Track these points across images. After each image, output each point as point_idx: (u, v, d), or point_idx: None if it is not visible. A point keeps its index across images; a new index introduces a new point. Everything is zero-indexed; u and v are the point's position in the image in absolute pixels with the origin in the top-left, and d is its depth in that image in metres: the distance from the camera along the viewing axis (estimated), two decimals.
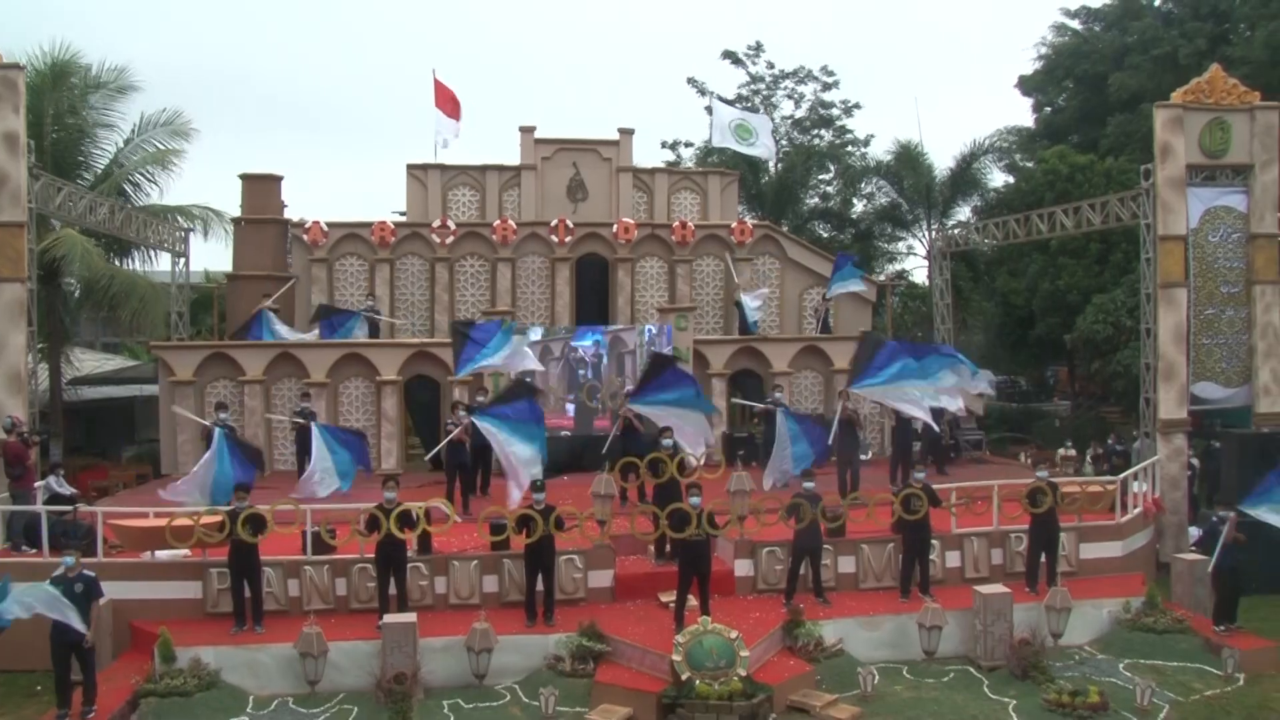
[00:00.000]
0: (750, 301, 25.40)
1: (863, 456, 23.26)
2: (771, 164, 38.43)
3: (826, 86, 43.33)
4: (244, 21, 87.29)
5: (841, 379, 24.93)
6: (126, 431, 33.70)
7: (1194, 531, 18.96)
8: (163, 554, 15.04)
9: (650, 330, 24.31)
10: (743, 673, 12.43)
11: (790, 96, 43.56)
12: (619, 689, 12.79)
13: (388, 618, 13.43)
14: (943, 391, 17.68)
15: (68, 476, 24.92)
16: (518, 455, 16.34)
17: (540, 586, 14.37)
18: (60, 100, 28.05)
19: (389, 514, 13.86)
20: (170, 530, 14.25)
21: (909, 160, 34.95)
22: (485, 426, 16.75)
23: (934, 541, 15.66)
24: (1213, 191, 20.12)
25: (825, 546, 15.46)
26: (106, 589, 14.42)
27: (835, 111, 43.51)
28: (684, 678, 12.34)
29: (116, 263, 29.33)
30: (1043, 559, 15.48)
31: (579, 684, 13.10)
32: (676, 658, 12.48)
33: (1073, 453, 24.60)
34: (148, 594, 14.71)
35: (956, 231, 29.78)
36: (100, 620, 14.04)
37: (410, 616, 13.47)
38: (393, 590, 14.17)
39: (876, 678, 13.27)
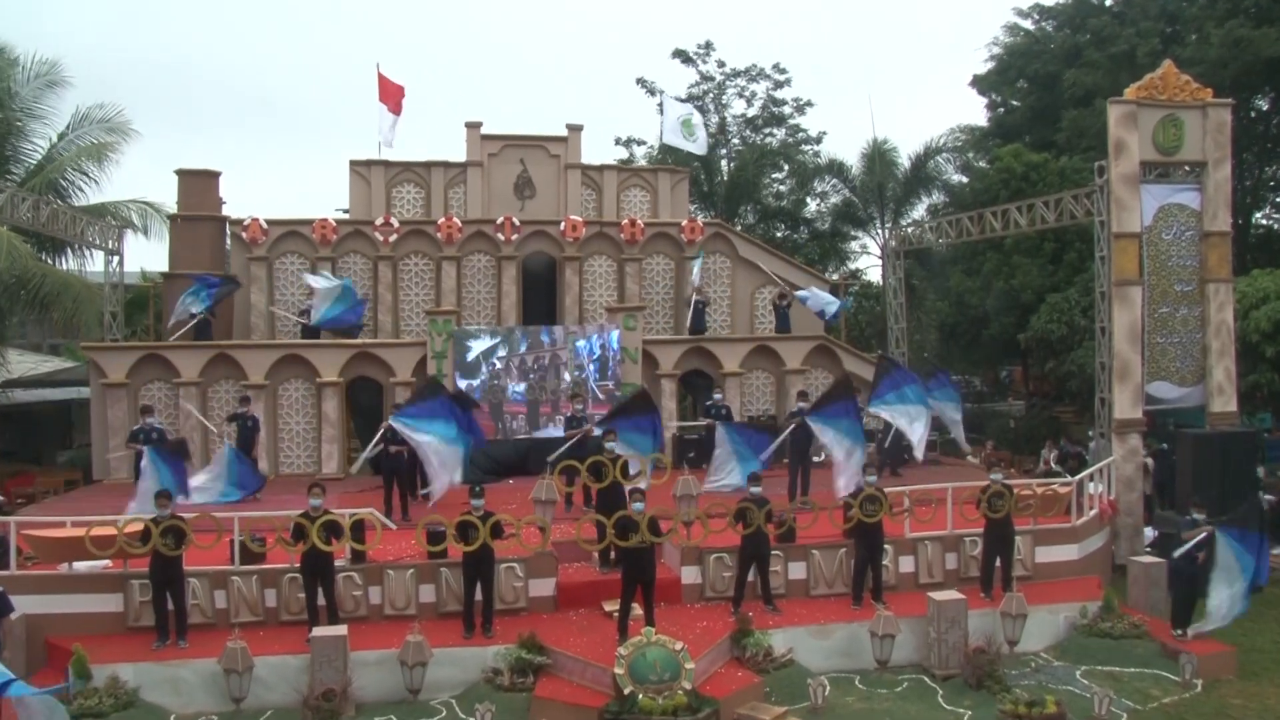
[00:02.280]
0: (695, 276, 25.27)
1: (815, 459, 22.92)
2: (724, 164, 38.07)
3: (778, 84, 43.06)
4: (181, 11, 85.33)
5: (794, 379, 24.67)
6: (63, 436, 32.68)
7: (1149, 532, 18.74)
8: (81, 565, 14.28)
9: (589, 339, 23.77)
10: (688, 686, 11.92)
11: (742, 95, 43.26)
12: (559, 704, 12.24)
13: (316, 631, 12.79)
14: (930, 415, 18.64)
15: (6, 485, 24.21)
16: (437, 451, 15.90)
17: (479, 596, 13.79)
18: None
19: (314, 522, 13.20)
20: (90, 540, 13.46)
21: (880, 158, 34.64)
22: (401, 427, 16.35)
23: (887, 546, 15.24)
24: (1166, 189, 19.88)
25: (775, 552, 14.98)
26: (20, 603, 13.74)
27: (788, 109, 43.30)
28: (626, 692, 11.81)
29: (51, 262, 28.39)
30: (997, 563, 15.11)
31: (518, 698, 12.53)
32: (619, 671, 11.95)
33: (1054, 454, 24.28)
34: (65, 608, 13.92)
35: (910, 230, 29.44)
36: (12, 636, 13.33)
37: (340, 629, 12.84)
38: (322, 602, 13.51)
39: (828, 689, 12.80)
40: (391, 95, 26.73)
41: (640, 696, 11.72)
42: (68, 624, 13.76)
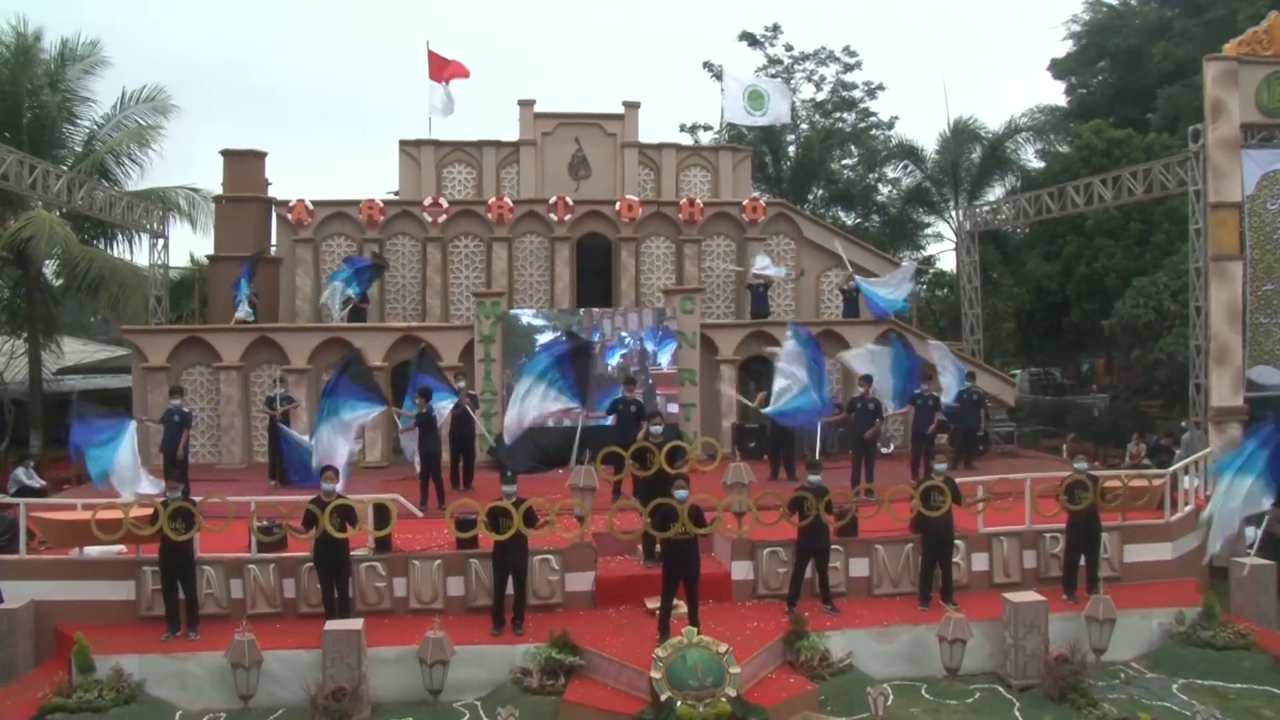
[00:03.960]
0: (761, 265, 23.85)
1: (883, 450, 21.57)
2: (790, 149, 36.70)
3: (848, 68, 41.78)
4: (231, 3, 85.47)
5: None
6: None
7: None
8: (92, 550, 13.48)
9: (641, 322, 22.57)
10: (732, 692, 10.70)
11: (810, 79, 41.99)
12: (589, 709, 11.10)
13: (329, 624, 11.79)
14: None
15: (43, 468, 23.83)
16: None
17: (510, 590, 12.71)
18: (35, 77, 26.79)
19: (325, 509, 12.24)
20: (96, 524, 12.64)
21: (960, 134, 33.00)
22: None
23: (958, 542, 13.85)
24: (1271, 154, 18.12)
25: (834, 547, 13.69)
26: (28, 589, 13.06)
27: (858, 94, 41.87)
28: (663, 698, 10.63)
29: (103, 248, 28.12)
30: (1081, 562, 13.65)
31: (546, 702, 11.40)
32: (655, 674, 10.77)
33: (1141, 447, 22.59)
34: (74, 595, 13.11)
35: (986, 210, 27.79)
36: (19, 624, 12.61)
37: (355, 623, 11.82)
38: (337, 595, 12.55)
39: (890, 698, 11.42)
40: (442, 69, 25.90)
41: (678, 703, 10.54)
42: (77, 611, 12.96)
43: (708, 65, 40.98)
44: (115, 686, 11.58)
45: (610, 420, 17.61)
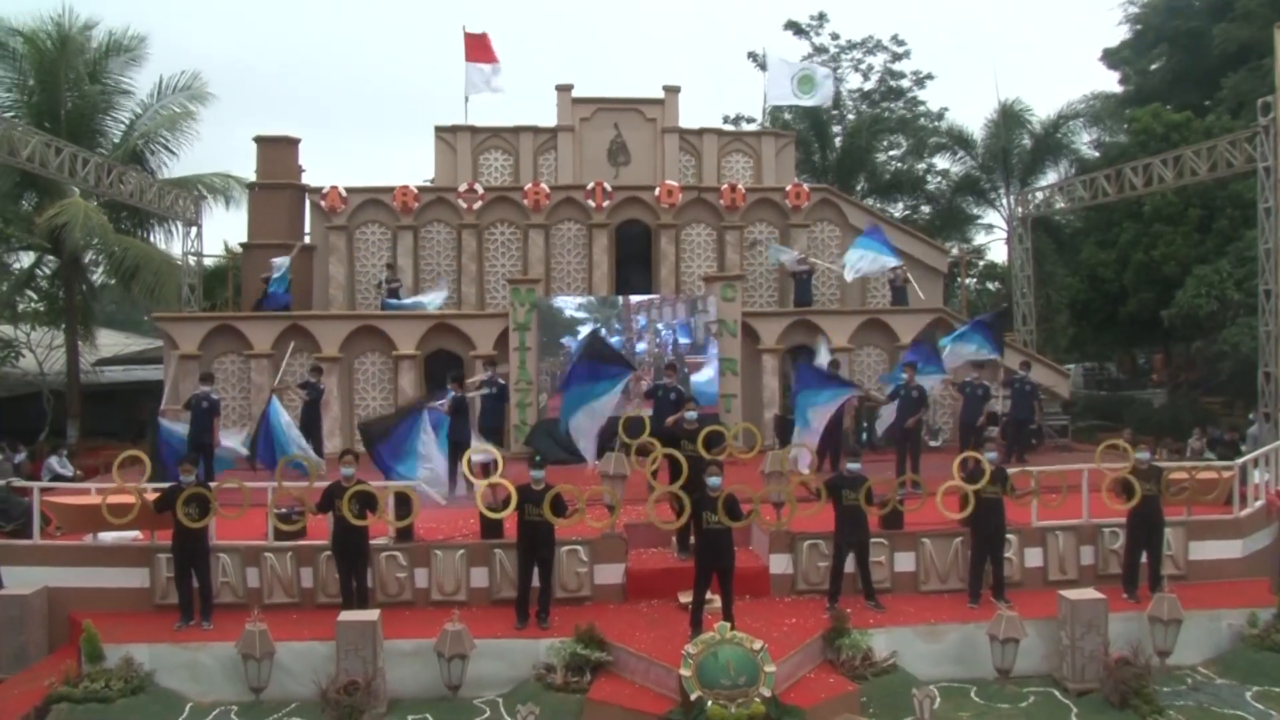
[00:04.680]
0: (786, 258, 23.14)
1: (932, 443, 20.75)
2: (837, 141, 35.86)
3: (896, 57, 40.89)
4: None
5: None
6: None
7: None
8: (107, 536, 13.06)
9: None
10: (767, 692, 10.01)
11: (857, 69, 41.13)
12: (614, 708, 10.48)
13: (344, 615, 11.26)
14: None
15: (77, 457, 23.67)
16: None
17: (536, 582, 12.11)
18: (76, 66, 26.70)
19: (345, 494, 11.70)
20: (107, 508, 12.20)
21: (1009, 120, 31.98)
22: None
23: (1010, 536, 13.05)
24: None
25: (878, 540, 12.95)
26: (42, 575, 12.68)
27: (906, 83, 40.93)
28: (693, 697, 9.97)
29: (142, 237, 28.03)
30: (1143, 559, 12.80)
31: (570, 700, 10.79)
32: (685, 672, 10.11)
33: (1202, 442, 21.45)
34: (88, 581, 12.76)
35: (1040, 194, 26.74)
36: (31, 610, 12.23)
37: (370, 614, 11.27)
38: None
39: (937, 700, 10.67)
40: (479, 50, 25.43)
41: (709, 703, 9.88)
42: (91, 599, 12.60)
43: (752, 55, 40.34)
44: (124, 676, 11.21)
45: (648, 411, 16.91)
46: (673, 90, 26.21)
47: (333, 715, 10.29)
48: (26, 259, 28.87)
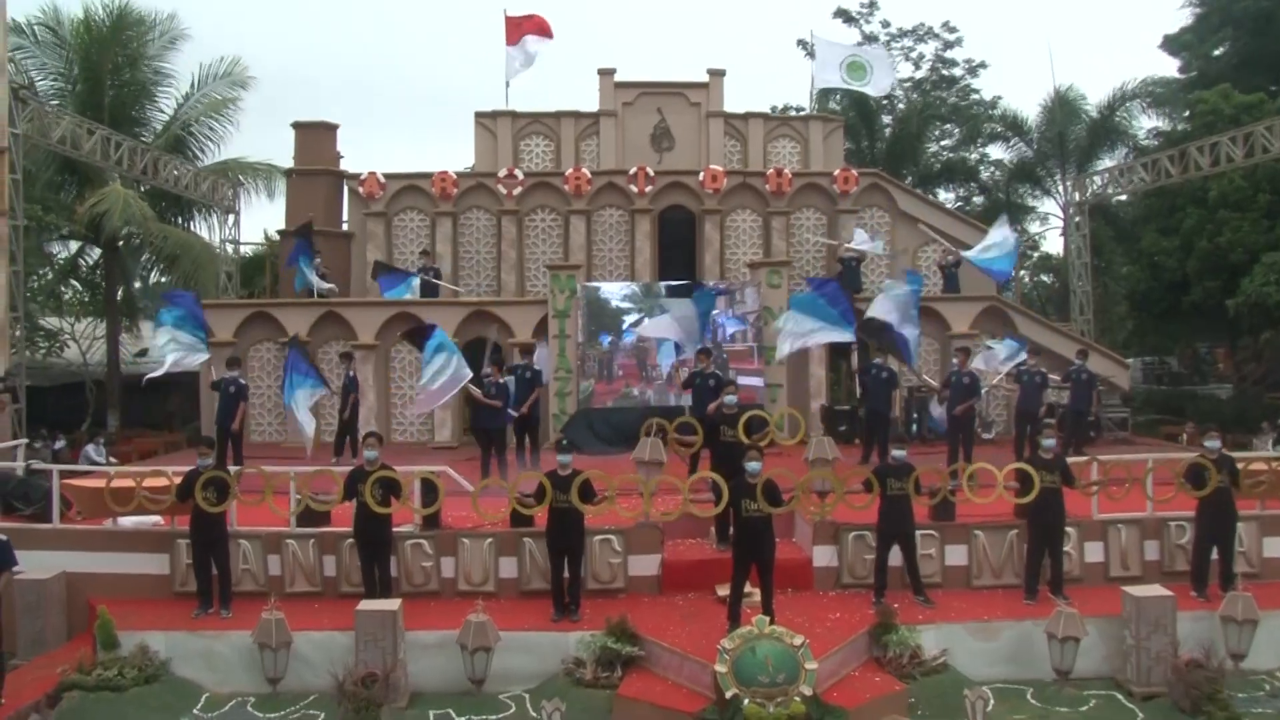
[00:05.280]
0: (859, 240, 22.18)
1: (985, 435, 19.91)
2: (886, 131, 34.98)
3: (948, 45, 39.95)
4: None
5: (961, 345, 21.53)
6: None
7: None
8: (126, 521, 12.70)
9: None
10: (808, 691, 9.37)
11: (908, 57, 40.22)
12: (645, 705, 9.89)
13: (363, 604, 10.76)
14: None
15: (115, 445, 23.48)
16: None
17: (567, 573, 11.57)
18: (119, 55, 26.61)
19: (368, 478, 11.22)
20: (109, 493, 11.82)
21: (1063, 106, 30.96)
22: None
23: (1069, 529, 12.27)
24: None
25: (928, 532, 12.24)
26: (60, 560, 12.31)
27: (958, 71, 39.97)
28: (728, 695, 9.35)
29: (183, 226, 27.93)
30: (1214, 555, 11.98)
31: (599, 696, 10.22)
32: (720, 668, 9.49)
33: (1270, 437, 20.38)
34: (107, 567, 12.40)
35: (1099, 177, 25.71)
36: (50, 595, 11.87)
37: (392, 603, 10.76)
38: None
39: (990, 703, 9.93)
40: (522, 28, 25.00)
41: (746, 702, 9.26)
42: (110, 585, 12.26)
43: (801, 44, 39.56)
44: (139, 665, 10.79)
45: (685, 400, 16.30)
46: (717, 74, 25.63)
47: (349, 708, 9.77)
48: (69, 250, 28.87)
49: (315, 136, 24.83)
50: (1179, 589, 11.52)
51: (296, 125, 24.88)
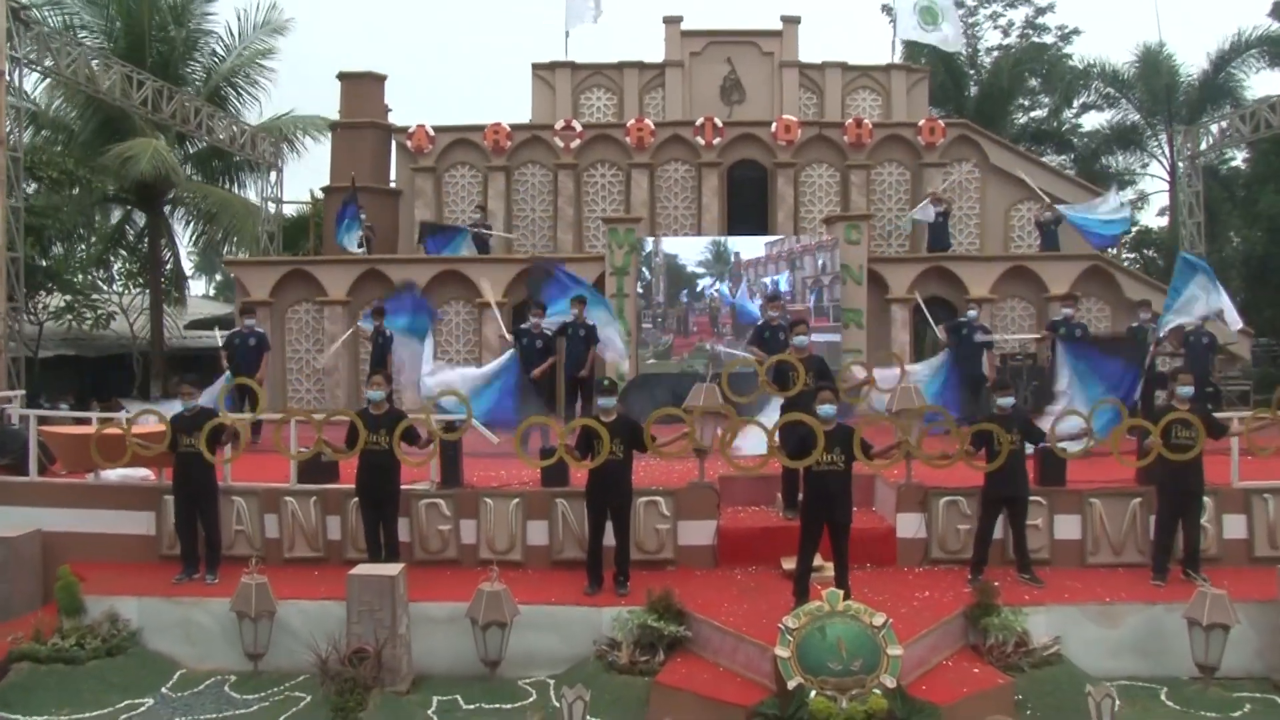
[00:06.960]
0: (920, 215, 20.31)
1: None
2: (972, 73, 32.71)
3: (1040, 10, 37.52)
4: None
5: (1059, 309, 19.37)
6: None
7: None
8: (110, 474, 11.25)
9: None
10: (890, 682, 7.47)
11: (997, 25, 37.95)
12: (689, 695, 8.06)
13: (360, 568, 9.10)
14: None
15: None
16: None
17: (610, 540, 9.77)
18: (162, 9, 25.61)
19: (377, 423, 9.62)
20: (97, 441, 10.31)
21: (1152, 65, 28.52)
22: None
23: (1206, 499, 10.20)
24: None
25: (1035, 499, 10.25)
26: (37, 516, 10.89)
27: (1049, 39, 37.55)
28: (791, 685, 7.49)
29: (226, 187, 26.90)
30: None
31: (636, 684, 8.41)
32: (782, 652, 7.63)
33: None
34: (88, 526, 10.93)
35: (1215, 128, 23.19)
36: (19, 555, 10.45)
37: (392, 568, 9.07)
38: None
39: (1116, 703, 7.79)
40: None
41: (812, 693, 7.40)
42: (90, 546, 10.81)
43: (886, 9, 37.37)
44: (103, 635, 9.28)
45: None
46: (792, 21, 23.73)
47: (333, 690, 8.09)
48: (113, 218, 28.04)
49: (362, 88, 23.42)
50: None
51: (342, 75, 23.52)
